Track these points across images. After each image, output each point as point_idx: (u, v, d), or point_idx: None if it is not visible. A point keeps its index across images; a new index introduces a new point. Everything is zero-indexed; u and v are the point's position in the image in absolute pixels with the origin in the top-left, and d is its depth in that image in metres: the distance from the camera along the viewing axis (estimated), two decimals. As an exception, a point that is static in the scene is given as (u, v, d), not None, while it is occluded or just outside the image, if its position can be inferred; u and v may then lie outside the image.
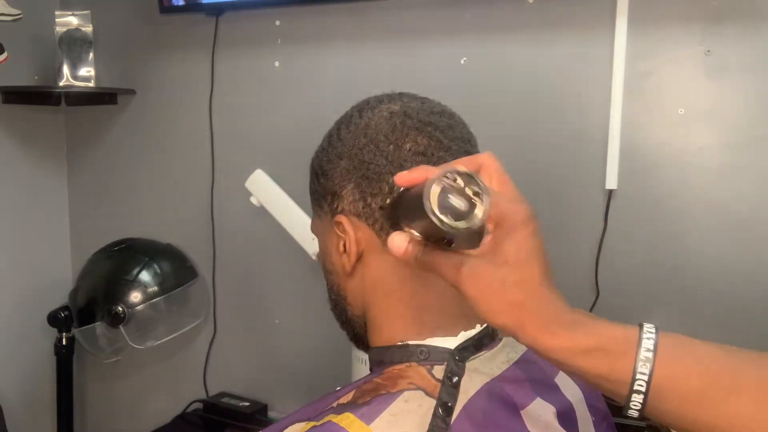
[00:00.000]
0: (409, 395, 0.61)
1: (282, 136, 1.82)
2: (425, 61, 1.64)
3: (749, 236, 1.40)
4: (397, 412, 0.59)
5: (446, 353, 0.64)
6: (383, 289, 0.67)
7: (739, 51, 1.38)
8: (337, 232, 0.68)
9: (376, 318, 0.69)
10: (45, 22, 1.93)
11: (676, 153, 1.45)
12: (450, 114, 0.70)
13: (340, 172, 0.68)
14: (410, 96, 0.71)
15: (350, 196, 0.67)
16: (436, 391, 0.61)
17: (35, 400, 2.10)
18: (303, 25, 1.77)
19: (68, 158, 2.16)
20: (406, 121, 0.66)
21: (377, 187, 0.65)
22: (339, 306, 0.74)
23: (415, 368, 0.64)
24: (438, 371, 0.63)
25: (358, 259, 0.68)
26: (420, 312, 0.66)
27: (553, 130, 1.54)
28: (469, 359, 0.65)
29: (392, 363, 0.65)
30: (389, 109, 0.68)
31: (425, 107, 0.69)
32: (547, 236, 0.54)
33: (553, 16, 1.52)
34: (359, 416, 0.58)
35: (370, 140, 0.66)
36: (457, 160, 0.55)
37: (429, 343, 0.65)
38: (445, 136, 0.66)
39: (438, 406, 0.60)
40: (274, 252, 1.84)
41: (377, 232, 0.66)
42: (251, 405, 1.84)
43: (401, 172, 0.53)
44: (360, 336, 0.72)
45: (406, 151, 0.65)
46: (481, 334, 0.67)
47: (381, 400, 0.60)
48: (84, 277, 1.77)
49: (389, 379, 0.63)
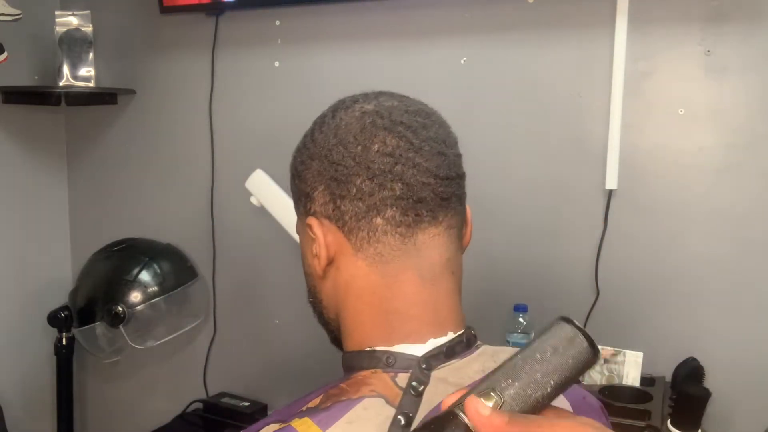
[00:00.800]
0: (369, 403, 0.59)
1: (282, 136, 1.80)
2: (425, 61, 1.64)
3: (749, 236, 1.40)
4: (354, 420, 0.58)
5: (413, 361, 0.62)
6: (354, 293, 0.65)
7: (739, 51, 1.38)
8: (310, 234, 0.67)
9: (347, 322, 0.67)
10: (45, 22, 1.94)
11: (676, 153, 1.45)
12: (427, 113, 0.67)
13: (311, 174, 0.66)
14: (388, 95, 0.68)
15: (321, 198, 0.65)
16: (397, 400, 0.59)
17: (35, 400, 2.10)
18: (303, 25, 1.77)
19: (68, 158, 2.16)
20: (376, 121, 0.64)
21: (345, 188, 0.63)
22: (316, 308, 0.73)
23: (379, 375, 0.62)
24: (402, 379, 0.61)
25: (330, 262, 0.66)
26: (389, 318, 0.64)
27: (553, 130, 1.54)
28: (437, 368, 0.63)
29: (361, 368, 0.64)
30: (362, 108, 0.65)
31: (400, 106, 0.66)
32: (547, 236, 0.54)
33: (553, 16, 1.52)
34: (317, 422, 0.58)
35: (339, 141, 0.64)
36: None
37: (396, 350, 0.63)
38: (416, 137, 0.63)
39: (397, 416, 0.58)
40: (274, 252, 1.84)
41: (346, 234, 0.64)
42: (251, 405, 1.84)
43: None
44: (337, 338, 0.71)
45: (373, 152, 0.62)
46: (454, 342, 0.64)
47: (341, 407, 0.59)
48: (84, 277, 1.77)
49: (353, 384, 0.62)
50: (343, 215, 0.64)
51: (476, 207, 0.73)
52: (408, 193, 0.62)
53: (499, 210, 1.59)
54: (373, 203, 0.62)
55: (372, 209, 0.62)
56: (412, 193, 0.62)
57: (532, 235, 1.56)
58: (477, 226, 0.82)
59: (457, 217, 0.66)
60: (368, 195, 0.62)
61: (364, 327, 0.65)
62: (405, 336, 0.63)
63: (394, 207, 0.62)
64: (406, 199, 0.62)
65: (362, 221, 0.63)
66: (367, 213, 0.63)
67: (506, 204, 1.59)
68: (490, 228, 1.57)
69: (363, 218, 0.63)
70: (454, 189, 0.65)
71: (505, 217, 1.59)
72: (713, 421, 1.32)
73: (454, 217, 0.66)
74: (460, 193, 0.66)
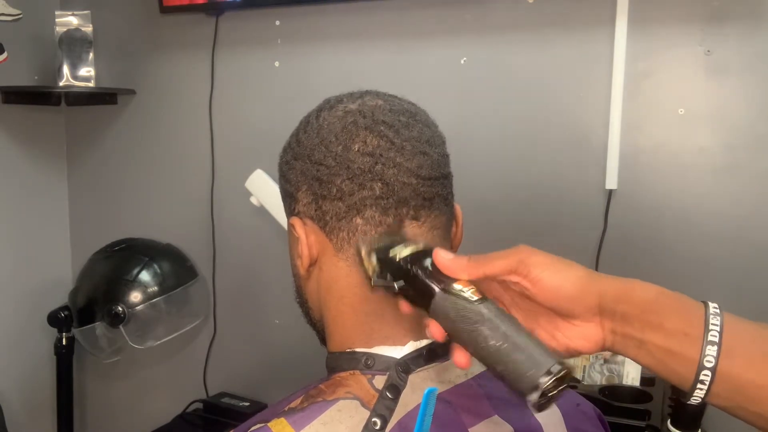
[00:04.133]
0: (343, 404, 0.59)
1: (282, 136, 1.80)
2: (425, 61, 1.64)
3: (749, 236, 1.40)
4: (328, 421, 0.58)
5: (391, 363, 0.62)
6: (335, 294, 0.65)
7: (739, 51, 1.38)
8: (294, 234, 0.67)
9: (329, 323, 0.67)
10: (45, 22, 1.94)
11: (676, 153, 1.45)
12: (411, 113, 0.66)
13: (295, 174, 0.66)
14: (374, 94, 0.67)
15: (304, 198, 0.65)
16: (373, 402, 0.59)
17: (35, 400, 2.09)
18: (303, 25, 1.77)
19: (68, 158, 2.16)
20: (358, 121, 0.63)
21: (327, 188, 0.63)
22: (303, 308, 0.73)
23: (356, 377, 0.62)
24: (379, 381, 0.61)
25: (314, 263, 0.66)
26: (369, 319, 0.64)
27: (553, 130, 1.54)
28: (416, 371, 0.62)
29: (341, 369, 0.64)
30: (346, 108, 0.65)
31: (384, 106, 0.65)
32: (548, 236, 0.54)
33: (553, 16, 1.52)
34: (291, 422, 0.58)
35: (321, 141, 0.64)
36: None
37: (375, 352, 0.63)
38: (397, 136, 0.62)
39: (371, 418, 0.58)
40: (274, 252, 1.84)
41: (328, 235, 0.64)
42: (251, 405, 1.84)
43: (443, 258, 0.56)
44: (324, 339, 0.71)
45: (354, 152, 0.62)
46: (435, 344, 0.63)
47: (316, 408, 0.59)
48: (84, 277, 1.77)
49: (331, 386, 0.62)
50: (325, 215, 0.64)
51: (475, 207, 0.73)
52: (388, 193, 0.61)
53: (499, 210, 1.59)
54: (353, 203, 0.62)
55: (352, 209, 0.62)
56: (393, 193, 0.61)
57: (532, 234, 1.56)
58: (476, 225, 0.82)
59: (443, 217, 0.65)
60: (348, 195, 0.62)
61: (345, 328, 0.65)
62: (384, 338, 0.63)
63: (374, 207, 0.62)
64: (387, 198, 0.61)
65: (342, 221, 0.63)
66: (348, 213, 0.62)
67: (506, 204, 1.59)
68: (489, 228, 1.57)
69: (343, 218, 0.62)
70: (438, 189, 0.64)
71: (505, 216, 1.59)
72: (713, 421, 1.32)
73: (439, 217, 0.65)
74: (445, 194, 0.66)
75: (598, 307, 0.54)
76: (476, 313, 0.52)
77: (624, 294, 0.54)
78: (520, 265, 0.54)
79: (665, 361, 0.52)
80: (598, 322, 0.54)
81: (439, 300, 0.54)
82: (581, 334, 0.55)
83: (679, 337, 0.51)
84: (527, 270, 0.54)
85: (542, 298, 0.55)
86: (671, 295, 0.54)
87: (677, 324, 0.51)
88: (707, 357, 0.49)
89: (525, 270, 0.54)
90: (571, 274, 0.55)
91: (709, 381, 0.49)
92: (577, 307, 0.54)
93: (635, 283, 0.55)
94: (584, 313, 0.54)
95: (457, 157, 0.71)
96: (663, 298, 0.54)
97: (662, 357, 0.52)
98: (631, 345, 0.53)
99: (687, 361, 0.50)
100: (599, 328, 0.55)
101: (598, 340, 0.55)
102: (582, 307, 0.54)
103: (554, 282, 0.54)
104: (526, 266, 0.54)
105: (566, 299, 0.54)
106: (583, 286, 0.54)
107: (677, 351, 0.51)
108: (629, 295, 0.54)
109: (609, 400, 1.30)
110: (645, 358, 0.53)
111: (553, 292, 0.54)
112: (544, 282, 0.54)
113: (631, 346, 0.53)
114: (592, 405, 0.77)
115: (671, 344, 0.51)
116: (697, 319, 0.51)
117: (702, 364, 0.49)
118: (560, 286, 0.54)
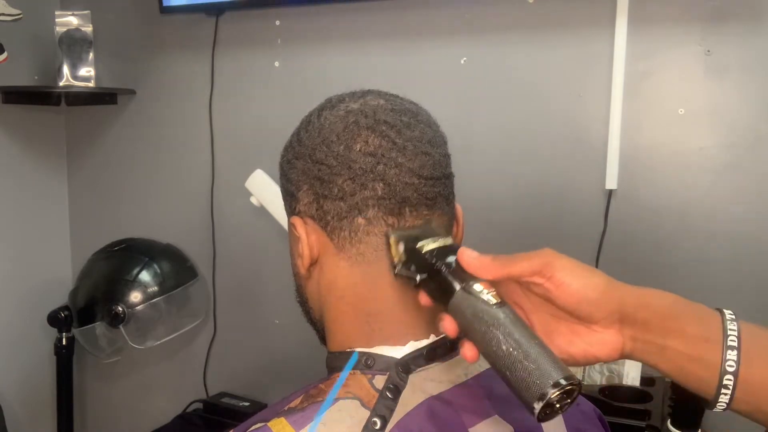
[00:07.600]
0: (343, 404, 0.59)
1: (282, 136, 1.80)
2: (425, 61, 1.64)
3: (749, 236, 1.40)
4: (327, 421, 0.58)
5: (391, 363, 0.62)
6: (336, 293, 0.65)
7: (739, 51, 1.38)
8: (294, 233, 0.67)
9: (329, 322, 0.67)
10: (45, 22, 1.94)
11: (676, 153, 1.45)
12: (413, 113, 0.65)
13: (296, 173, 0.66)
14: (376, 94, 0.67)
15: (305, 198, 0.65)
16: (373, 402, 0.59)
17: (35, 400, 2.09)
18: (303, 25, 1.77)
19: (68, 158, 2.16)
20: (360, 120, 0.63)
21: (328, 188, 0.62)
22: (304, 308, 0.73)
23: (357, 377, 0.62)
24: (379, 381, 0.61)
25: (314, 262, 0.66)
26: (369, 319, 0.64)
27: (553, 130, 1.54)
28: (416, 371, 0.62)
29: (341, 369, 0.63)
30: (347, 107, 0.65)
31: (386, 105, 0.65)
32: (547, 236, 0.54)
33: (553, 16, 1.52)
34: (291, 422, 0.58)
35: (323, 140, 0.63)
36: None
37: (375, 352, 0.63)
38: (399, 136, 0.62)
39: (371, 418, 0.58)
40: (274, 252, 1.84)
41: (329, 234, 0.64)
42: (251, 405, 1.84)
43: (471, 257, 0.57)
44: (324, 338, 0.71)
45: (355, 152, 0.62)
46: (435, 344, 0.64)
47: (316, 407, 0.59)
48: (84, 277, 1.77)
49: (330, 385, 0.61)
50: (326, 215, 0.63)
51: (475, 207, 0.73)
52: (390, 193, 0.61)
53: (499, 210, 1.59)
54: (354, 203, 0.62)
55: (354, 209, 0.62)
56: (395, 193, 0.61)
57: (532, 235, 1.56)
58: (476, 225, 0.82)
59: (444, 217, 0.65)
60: (350, 195, 0.62)
61: (345, 328, 0.65)
62: (385, 338, 0.63)
63: (376, 207, 0.62)
64: (389, 199, 0.61)
65: (344, 221, 0.63)
66: (349, 213, 0.62)
67: (506, 204, 1.59)
68: (489, 228, 1.57)
69: (345, 218, 0.62)
70: (440, 189, 0.64)
71: (505, 216, 1.59)
72: (713, 421, 1.32)
73: (441, 217, 0.65)
74: (446, 193, 0.66)
75: (619, 314, 0.55)
76: (493, 317, 0.53)
77: (643, 301, 0.55)
78: (545, 267, 0.55)
79: (686, 367, 0.53)
80: (618, 329, 0.56)
81: (459, 298, 0.55)
82: (600, 340, 0.56)
83: (699, 342, 0.52)
84: (552, 272, 0.55)
85: (564, 301, 0.55)
86: (687, 303, 0.55)
87: (697, 330, 0.53)
88: (728, 362, 0.51)
89: (549, 272, 0.55)
90: (594, 280, 0.56)
91: (732, 385, 0.51)
92: (598, 312, 0.55)
93: (652, 291, 0.56)
94: (604, 319, 0.56)
95: (457, 157, 0.71)
96: (681, 306, 0.55)
97: (683, 363, 0.53)
98: (651, 351, 0.54)
99: (709, 366, 0.52)
100: (618, 335, 0.56)
101: (618, 347, 0.56)
102: (603, 312, 0.55)
103: (577, 286, 0.55)
104: (550, 269, 0.55)
105: (588, 304, 0.55)
106: (605, 293, 0.55)
107: (699, 356, 0.52)
108: (648, 302, 0.55)
109: (609, 400, 1.30)
110: (666, 364, 0.54)
111: (576, 297, 0.55)
112: (567, 286, 0.55)
113: (651, 352, 0.54)
114: (592, 405, 0.77)
115: (692, 350, 0.52)
116: (715, 326, 0.53)
117: (724, 369, 0.51)
118: (583, 291, 0.55)
